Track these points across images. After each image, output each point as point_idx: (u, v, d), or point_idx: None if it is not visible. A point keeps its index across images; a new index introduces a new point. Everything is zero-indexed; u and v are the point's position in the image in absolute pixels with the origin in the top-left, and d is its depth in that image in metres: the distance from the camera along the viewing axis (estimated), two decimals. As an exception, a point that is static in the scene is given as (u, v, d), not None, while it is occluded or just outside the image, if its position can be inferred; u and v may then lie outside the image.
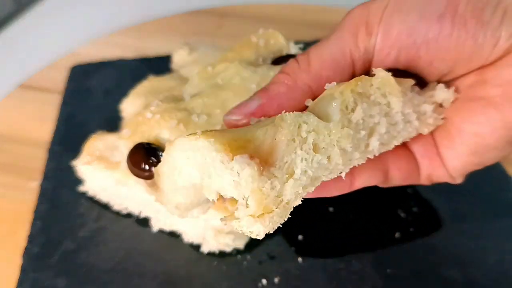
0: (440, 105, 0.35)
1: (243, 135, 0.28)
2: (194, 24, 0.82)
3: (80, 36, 0.81)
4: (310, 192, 0.30)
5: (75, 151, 0.51)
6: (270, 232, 0.28)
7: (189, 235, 0.47)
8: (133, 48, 0.76)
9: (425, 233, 0.48)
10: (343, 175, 0.31)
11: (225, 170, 0.27)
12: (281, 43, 0.42)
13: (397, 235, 0.48)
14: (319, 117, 0.30)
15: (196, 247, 0.47)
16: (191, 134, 0.28)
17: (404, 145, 0.36)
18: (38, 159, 0.57)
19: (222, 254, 0.46)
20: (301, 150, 0.28)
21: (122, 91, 0.57)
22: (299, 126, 0.28)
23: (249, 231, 0.27)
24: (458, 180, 0.35)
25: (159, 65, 0.71)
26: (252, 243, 0.47)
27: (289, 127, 0.28)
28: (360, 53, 0.31)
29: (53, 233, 0.48)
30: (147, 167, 0.33)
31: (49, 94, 0.67)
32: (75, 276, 0.44)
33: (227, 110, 0.34)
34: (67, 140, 0.59)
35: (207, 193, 0.30)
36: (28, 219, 0.50)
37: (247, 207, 0.27)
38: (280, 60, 0.41)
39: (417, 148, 0.36)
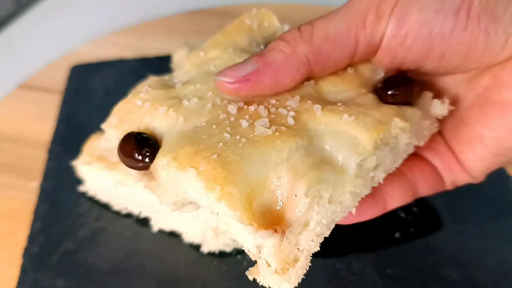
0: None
1: (256, 180, 0.28)
2: (194, 24, 0.82)
3: (80, 36, 0.81)
4: (327, 235, 0.30)
5: (75, 151, 0.50)
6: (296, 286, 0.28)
7: (189, 235, 0.47)
8: (133, 48, 0.76)
9: (425, 233, 0.48)
10: (353, 211, 0.32)
11: (247, 234, 0.28)
12: (275, 26, 0.41)
13: (397, 235, 0.48)
14: (325, 154, 0.30)
15: (196, 247, 0.47)
16: (208, 180, 0.27)
17: (426, 161, 0.37)
18: (38, 159, 0.57)
19: (222, 254, 0.46)
20: (318, 206, 0.28)
21: (122, 91, 0.57)
22: (320, 184, 0.28)
23: None
24: (481, 179, 0.36)
25: (159, 65, 0.70)
26: (252, 243, 0.47)
27: (310, 191, 0.28)
28: (367, 35, 0.31)
29: (53, 233, 0.48)
30: (140, 157, 0.31)
31: (49, 94, 0.67)
32: (75, 276, 0.44)
33: (219, 93, 0.32)
34: (67, 140, 0.59)
35: (220, 231, 0.30)
36: (28, 219, 0.50)
37: (268, 266, 0.28)
38: None
39: (437, 163, 0.37)
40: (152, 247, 0.47)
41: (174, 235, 0.48)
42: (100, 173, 0.48)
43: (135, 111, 0.34)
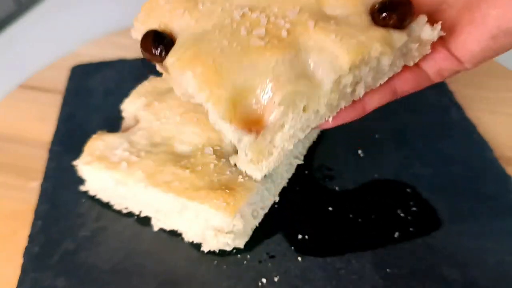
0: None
1: (243, 85, 0.33)
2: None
3: (80, 36, 0.81)
4: (301, 138, 0.35)
5: (76, 151, 0.51)
6: (265, 175, 0.36)
7: (189, 235, 0.47)
8: (133, 48, 0.76)
9: (424, 233, 0.48)
10: (330, 119, 0.36)
11: (229, 129, 0.34)
12: None
13: (396, 235, 0.48)
14: (307, 69, 0.33)
15: (197, 247, 0.47)
16: (202, 82, 0.33)
17: None
18: (38, 159, 0.57)
19: (222, 254, 0.46)
20: (292, 113, 0.33)
21: (123, 91, 0.57)
22: (295, 95, 0.33)
23: (250, 174, 0.35)
24: (469, 65, 0.37)
25: (159, 65, 0.71)
26: (252, 243, 0.47)
27: (285, 101, 0.33)
28: None
29: (53, 233, 0.48)
30: (155, 52, 0.36)
31: (50, 94, 0.67)
32: (75, 275, 0.45)
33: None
34: (68, 140, 0.59)
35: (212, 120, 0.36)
36: (28, 219, 0.50)
37: (246, 155, 0.34)
38: None
39: (421, 61, 0.38)
40: (152, 246, 0.47)
41: (174, 235, 0.48)
42: (100, 173, 0.48)
43: (158, 9, 0.39)
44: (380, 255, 0.46)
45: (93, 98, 0.65)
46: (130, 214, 0.50)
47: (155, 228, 0.49)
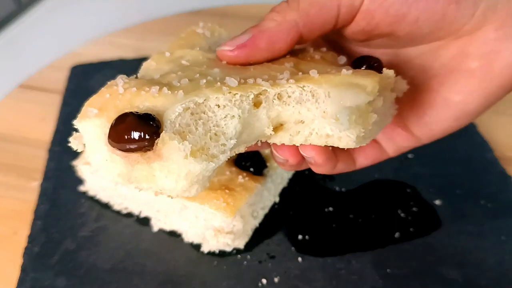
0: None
1: None
2: (195, 25, 0.82)
3: (80, 36, 0.81)
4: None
5: (76, 151, 0.50)
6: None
7: (189, 235, 0.47)
8: (133, 48, 0.76)
9: (424, 233, 0.48)
10: (259, 143, 0.35)
11: None
12: (225, 35, 0.43)
13: (396, 235, 0.48)
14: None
15: (196, 247, 0.47)
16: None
17: None
18: (38, 159, 0.57)
19: (222, 254, 0.46)
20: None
21: (123, 91, 0.57)
22: None
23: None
24: (426, 141, 0.39)
25: (159, 65, 0.71)
26: (252, 243, 0.47)
27: None
28: (346, 2, 0.34)
29: (54, 233, 0.48)
30: (147, 136, 0.28)
31: (50, 94, 0.67)
32: (75, 275, 0.45)
33: (205, 75, 0.33)
34: (68, 140, 0.59)
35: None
36: (28, 219, 0.50)
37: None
38: None
39: (380, 136, 0.39)
40: (152, 246, 0.47)
41: (174, 235, 0.48)
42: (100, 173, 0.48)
43: (118, 98, 0.31)
44: (380, 255, 0.46)
45: (93, 98, 0.65)
46: (130, 214, 0.50)
47: (155, 228, 0.49)
